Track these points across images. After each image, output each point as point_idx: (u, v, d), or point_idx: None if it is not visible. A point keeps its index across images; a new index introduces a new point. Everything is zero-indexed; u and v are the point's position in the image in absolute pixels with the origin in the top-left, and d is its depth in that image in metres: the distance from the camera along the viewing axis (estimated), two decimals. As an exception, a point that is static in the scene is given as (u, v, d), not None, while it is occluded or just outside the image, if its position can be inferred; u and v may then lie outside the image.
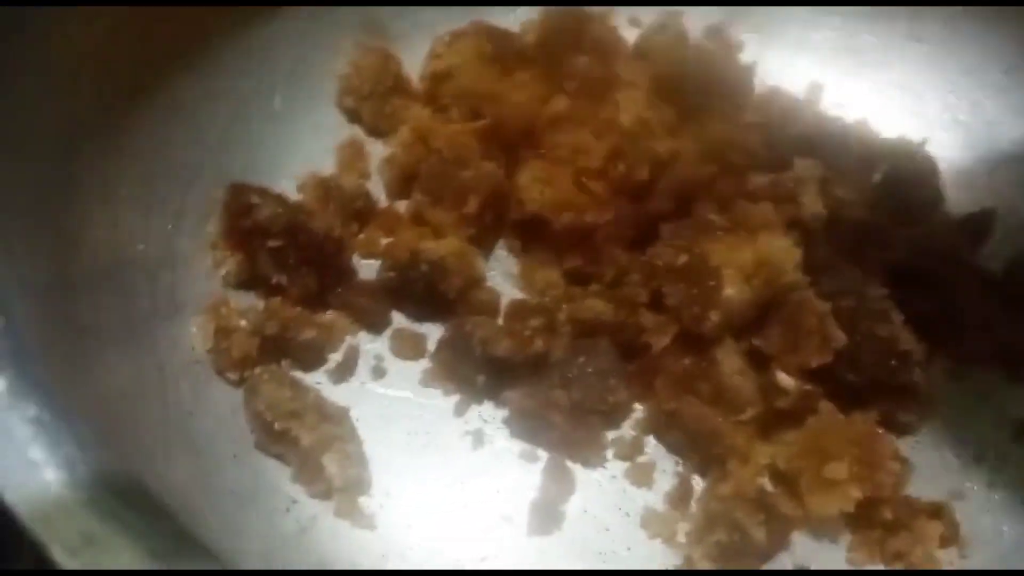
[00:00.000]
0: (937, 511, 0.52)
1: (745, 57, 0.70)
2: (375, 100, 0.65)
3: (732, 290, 0.53)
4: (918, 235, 0.62)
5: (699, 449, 0.53)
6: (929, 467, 0.55)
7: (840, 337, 0.53)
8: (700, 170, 0.56)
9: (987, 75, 0.69)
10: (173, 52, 0.58)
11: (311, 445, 0.48)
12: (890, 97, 0.70)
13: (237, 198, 0.55)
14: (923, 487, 0.54)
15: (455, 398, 0.55)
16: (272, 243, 0.54)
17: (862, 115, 0.68)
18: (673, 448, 0.55)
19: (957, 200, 0.65)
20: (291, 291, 0.56)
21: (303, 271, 0.55)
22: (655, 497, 0.53)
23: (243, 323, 0.52)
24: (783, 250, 0.54)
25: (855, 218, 0.57)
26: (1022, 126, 0.67)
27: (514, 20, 0.69)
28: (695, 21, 0.70)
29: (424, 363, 0.57)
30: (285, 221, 0.55)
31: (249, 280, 0.57)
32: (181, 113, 0.58)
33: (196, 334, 0.52)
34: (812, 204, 0.55)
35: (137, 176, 0.53)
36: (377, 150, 0.65)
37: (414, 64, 0.67)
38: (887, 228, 0.60)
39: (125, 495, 0.35)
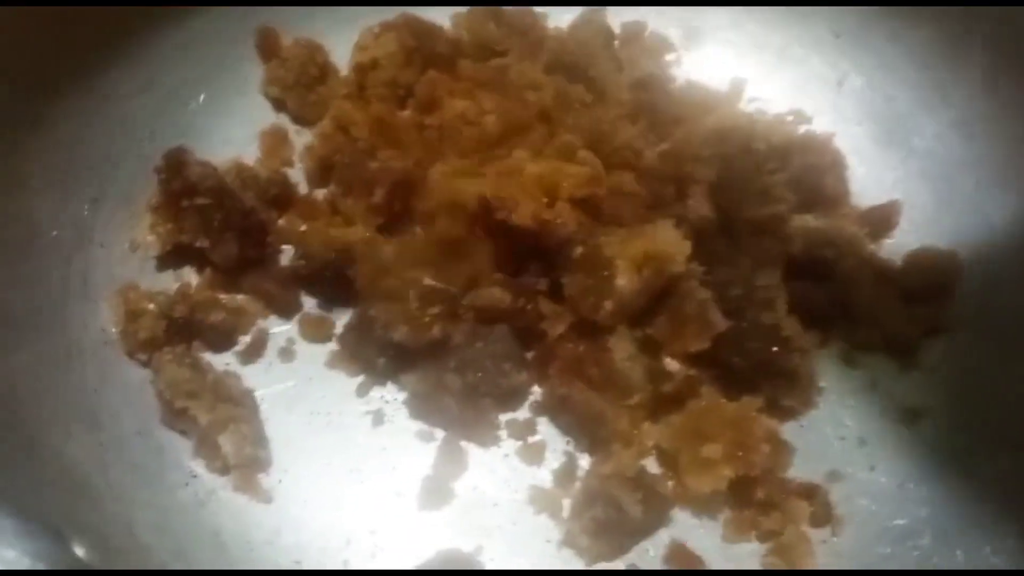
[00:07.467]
0: (809, 492, 0.55)
1: (668, 52, 0.73)
2: (300, 89, 0.67)
3: (623, 280, 0.55)
4: (818, 227, 0.64)
5: (586, 431, 0.56)
6: (812, 450, 0.57)
7: (719, 323, 0.55)
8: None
9: (902, 71, 0.70)
10: (98, 47, 0.60)
11: (208, 425, 0.51)
12: (808, 92, 0.72)
13: (172, 159, 0.57)
14: (804, 469, 0.56)
15: (359, 379, 0.58)
16: (200, 200, 0.56)
17: (781, 109, 0.70)
18: (564, 429, 0.57)
19: (865, 192, 0.67)
20: (213, 255, 0.58)
21: (226, 236, 0.57)
22: (544, 474, 0.56)
23: (151, 306, 0.55)
24: (671, 243, 0.56)
25: (748, 217, 0.59)
26: (933, 122, 0.68)
27: (444, 14, 0.72)
28: (623, 17, 0.73)
29: (331, 346, 0.59)
30: (214, 182, 0.57)
31: (172, 254, 0.59)
32: (105, 106, 0.60)
33: (107, 316, 0.55)
34: (698, 207, 0.57)
35: (54, 166, 0.56)
36: (304, 139, 0.67)
37: (345, 55, 0.69)
38: (786, 221, 0.62)
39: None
